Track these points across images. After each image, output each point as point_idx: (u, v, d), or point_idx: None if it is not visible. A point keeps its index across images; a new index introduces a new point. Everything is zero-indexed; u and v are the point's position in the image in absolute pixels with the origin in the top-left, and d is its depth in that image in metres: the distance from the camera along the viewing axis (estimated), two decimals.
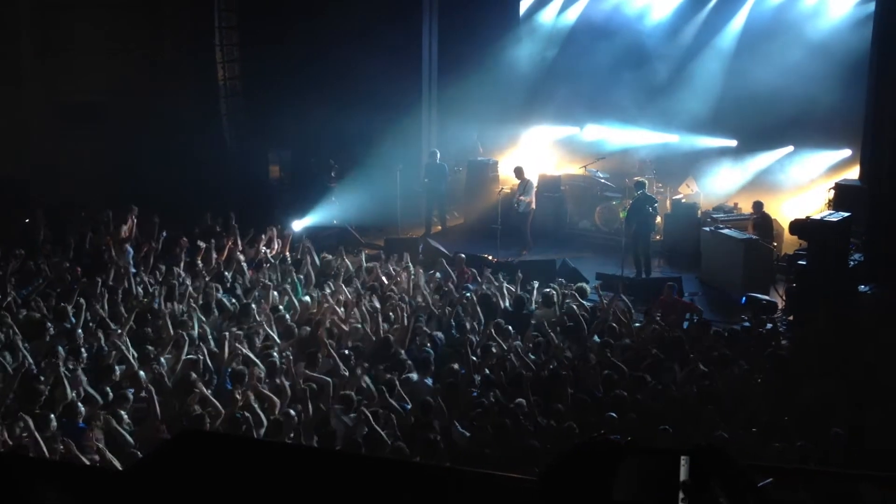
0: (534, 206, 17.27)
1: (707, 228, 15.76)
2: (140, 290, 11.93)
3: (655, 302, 12.75)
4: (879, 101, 14.70)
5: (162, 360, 9.68)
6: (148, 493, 2.39)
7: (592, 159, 18.88)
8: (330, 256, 14.12)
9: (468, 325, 11.06)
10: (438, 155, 18.61)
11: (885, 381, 9.90)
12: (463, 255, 14.52)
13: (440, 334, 10.90)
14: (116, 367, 9.32)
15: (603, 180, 18.51)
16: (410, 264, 13.59)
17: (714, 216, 16.80)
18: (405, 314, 11.19)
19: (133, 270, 12.80)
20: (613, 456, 1.96)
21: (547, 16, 20.51)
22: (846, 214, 13.16)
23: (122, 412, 8.47)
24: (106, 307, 11.06)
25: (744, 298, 13.73)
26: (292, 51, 18.24)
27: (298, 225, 16.94)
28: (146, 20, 18.11)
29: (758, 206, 16.09)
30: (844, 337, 11.34)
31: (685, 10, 19.27)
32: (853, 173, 16.44)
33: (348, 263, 13.82)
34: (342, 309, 11.55)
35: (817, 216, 13.53)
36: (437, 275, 13.57)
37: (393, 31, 18.04)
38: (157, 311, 11.05)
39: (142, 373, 9.29)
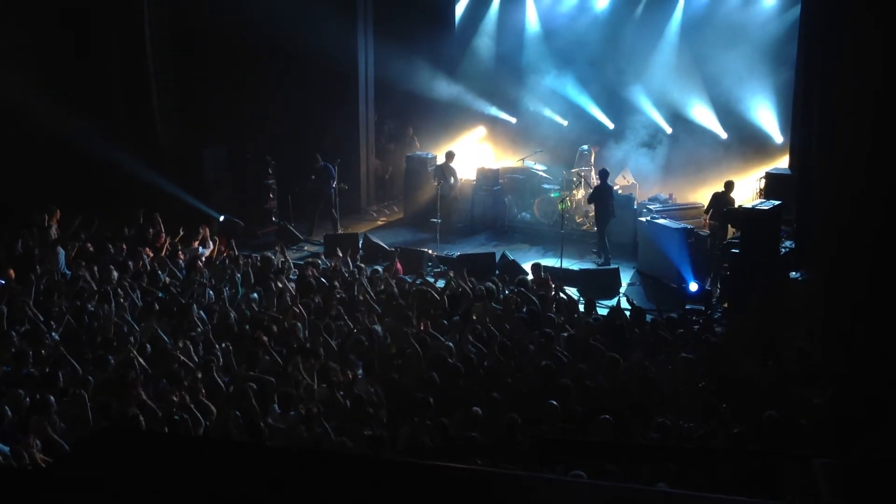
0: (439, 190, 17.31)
1: (643, 219, 15.94)
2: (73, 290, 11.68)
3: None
4: (807, 91, 14.99)
5: (96, 361, 9.50)
6: (59, 489, 2.34)
7: (529, 152, 19.02)
8: (270, 254, 13.99)
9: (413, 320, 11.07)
10: (320, 158, 17.43)
11: (816, 365, 10.16)
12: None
13: (378, 328, 10.88)
14: (60, 374, 9.12)
15: (541, 173, 18.65)
16: (350, 260, 13.54)
17: (649, 206, 17.03)
18: (344, 309, 11.16)
19: (67, 272, 12.55)
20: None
21: (482, 13, 20.63)
22: (777, 203, 13.45)
23: (56, 417, 8.30)
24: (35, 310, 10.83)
25: (696, 286, 13.83)
26: (227, 46, 17.96)
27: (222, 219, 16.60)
28: (73, 14, 17.55)
29: (729, 185, 15.31)
30: (775, 323, 11.59)
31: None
32: (783, 162, 16.79)
33: (289, 261, 13.72)
34: (282, 306, 11.45)
35: (749, 205, 13.81)
36: (378, 269, 13.55)
37: (328, 26, 17.88)
38: (93, 313, 10.83)
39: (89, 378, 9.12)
